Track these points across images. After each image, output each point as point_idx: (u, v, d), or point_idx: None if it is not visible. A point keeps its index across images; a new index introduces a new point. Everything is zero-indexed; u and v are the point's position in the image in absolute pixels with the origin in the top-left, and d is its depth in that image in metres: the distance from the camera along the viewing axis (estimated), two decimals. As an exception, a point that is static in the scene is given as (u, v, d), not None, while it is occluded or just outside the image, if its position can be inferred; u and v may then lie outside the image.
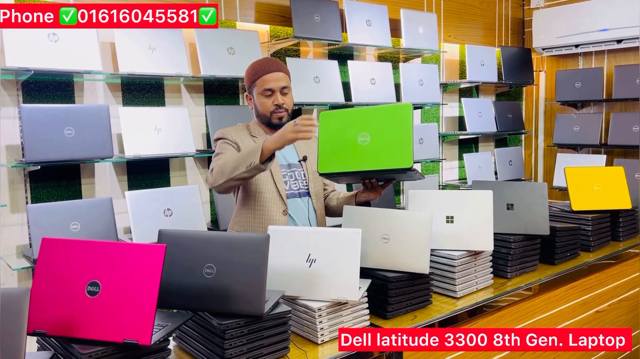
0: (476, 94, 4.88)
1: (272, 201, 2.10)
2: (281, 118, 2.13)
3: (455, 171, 4.77)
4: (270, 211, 2.10)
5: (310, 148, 2.22)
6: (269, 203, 2.10)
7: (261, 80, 2.11)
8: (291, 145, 2.19)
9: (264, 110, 2.13)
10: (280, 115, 2.13)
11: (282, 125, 2.13)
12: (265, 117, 2.15)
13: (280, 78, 2.12)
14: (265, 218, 2.09)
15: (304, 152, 2.21)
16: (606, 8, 4.34)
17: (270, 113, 2.13)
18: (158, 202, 2.87)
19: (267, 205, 2.10)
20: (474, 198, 2.02)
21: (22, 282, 2.72)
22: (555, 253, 2.37)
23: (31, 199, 2.78)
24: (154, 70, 2.94)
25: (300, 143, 2.21)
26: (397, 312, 1.79)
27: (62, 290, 1.30)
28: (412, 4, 4.25)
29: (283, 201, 2.11)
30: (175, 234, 1.50)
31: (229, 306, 1.40)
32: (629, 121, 4.34)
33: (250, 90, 2.17)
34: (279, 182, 2.11)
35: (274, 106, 2.12)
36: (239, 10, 3.36)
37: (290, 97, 2.16)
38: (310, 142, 2.24)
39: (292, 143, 1.87)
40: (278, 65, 2.14)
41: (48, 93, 2.81)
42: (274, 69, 2.12)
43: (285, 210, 2.10)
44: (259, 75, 2.11)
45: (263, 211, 2.10)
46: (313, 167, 2.18)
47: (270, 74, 2.11)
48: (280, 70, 2.13)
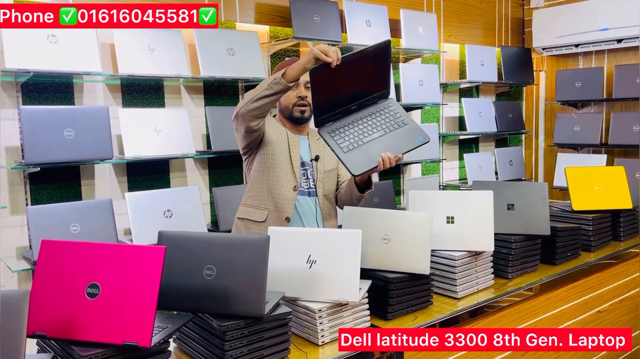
0: (476, 94, 4.88)
1: (284, 176, 2.13)
2: (303, 112, 2.17)
3: (456, 171, 4.77)
4: (281, 186, 2.13)
5: (325, 149, 2.23)
6: (280, 177, 2.13)
7: None
8: (307, 145, 2.21)
9: (287, 102, 2.17)
10: (302, 108, 2.16)
11: (303, 119, 2.19)
12: (288, 110, 2.18)
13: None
14: (276, 193, 2.12)
15: (317, 151, 2.22)
16: (606, 7, 4.34)
17: (292, 106, 2.16)
18: (158, 203, 2.87)
19: (278, 180, 2.13)
20: (474, 198, 2.02)
21: (22, 284, 2.72)
22: (556, 253, 2.37)
23: (31, 201, 2.78)
24: (153, 71, 2.94)
25: (316, 144, 2.22)
26: (398, 313, 1.79)
27: (61, 292, 1.30)
28: (411, 4, 4.25)
29: (295, 177, 2.13)
30: (175, 235, 1.50)
31: (229, 307, 1.40)
32: (630, 121, 4.34)
33: None
34: (296, 166, 2.14)
35: (297, 98, 2.15)
36: (238, 11, 3.36)
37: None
38: (325, 144, 2.24)
39: (311, 64, 1.79)
40: None
41: (48, 94, 2.81)
42: None
43: (295, 186, 2.13)
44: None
45: (274, 185, 2.13)
46: (325, 166, 2.20)
47: None
48: None
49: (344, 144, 1.94)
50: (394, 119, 1.96)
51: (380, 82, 1.99)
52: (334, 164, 2.26)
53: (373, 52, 1.89)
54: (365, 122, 1.96)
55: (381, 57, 1.91)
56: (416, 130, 1.94)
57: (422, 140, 1.92)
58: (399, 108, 1.98)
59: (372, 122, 1.96)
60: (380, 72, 1.97)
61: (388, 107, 1.99)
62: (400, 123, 1.95)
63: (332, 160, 2.25)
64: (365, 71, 1.94)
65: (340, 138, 1.96)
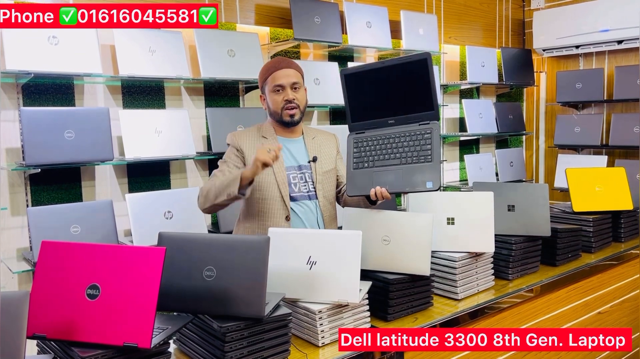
0: (477, 95, 4.88)
1: (275, 207, 2.10)
2: (293, 115, 2.12)
3: (456, 172, 4.77)
4: (273, 217, 2.10)
5: (321, 149, 2.22)
6: (272, 209, 2.10)
7: (272, 77, 2.12)
8: (302, 146, 2.20)
9: (275, 107, 2.13)
10: (291, 112, 2.11)
11: (293, 123, 2.15)
12: (277, 114, 2.14)
13: (290, 74, 2.12)
14: (268, 224, 2.09)
15: (314, 152, 2.20)
16: (606, 9, 4.33)
17: (281, 110, 2.12)
18: (158, 205, 2.87)
19: (269, 211, 2.10)
20: (474, 199, 2.02)
21: (22, 285, 2.72)
22: (557, 254, 2.37)
23: (31, 202, 2.78)
24: (154, 73, 2.94)
25: (312, 143, 2.21)
26: (398, 314, 1.79)
27: (62, 293, 1.30)
28: (412, 5, 4.25)
29: (286, 207, 2.10)
30: (175, 237, 1.50)
31: (229, 308, 1.40)
32: (630, 122, 4.33)
33: (263, 90, 2.18)
34: (283, 186, 2.10)
35: (284, 101, 2.11)
36: (239, 12, 3.37)
37: (302, 94, 2.16)
38: (322, 142, 2.24)
39: (260, 170, 1.89)
40: (288, 62, 2.15)
41: (48, 96, 2.81)
42: (284, 66, 2.13)
43: (287, 216, 2.10)
44: (269, 73, 2.12)
45: (266, 217, 2.11)
46: (322, 167, 2.18)
47: (280, 71, 2.11)
48: (291, 67, 2.13)
49: (358, 160, 1.94)
50: (420, 150, 1.84)
51: (424, 100, 1.87)
52: (332, 164, 2.24)
53: (409, 63, 1.84)
54: (391, 143, 1.90)
55: (420, 72, 1.84)
56: (433, 172, 1.80)
57: (429, 186, 1.80)
58: (435, 139, 1.83)
59: (396, 146, 1.89)
60: (422, 88, 1.86)
61: (424, 133, 1.86)
62: (422, 158, 1.83)
63: (330, 159, 2.24)
64: (403, 83, 1.88)
65: (358, 152, 1.96)
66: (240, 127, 3.15)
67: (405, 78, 1.89)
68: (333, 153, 2.27)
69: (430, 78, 1.84)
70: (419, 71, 1.85)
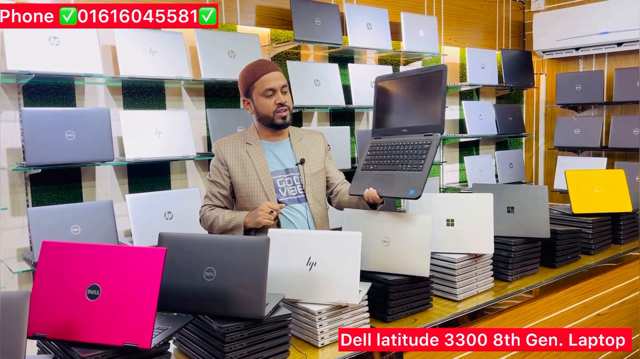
0: (477, 97, 4.88)
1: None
2: (284, 117, 2.13)
3: (456, 174, 4.77)
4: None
5: (308, 150, 2.22)
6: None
7: (261, 81, 2.10)
8: (289, 149, 2.20)
9: (267, 111, 2.12)
10: (283, 114, 2.12)
11: (286, 124, 2.16)
12: (268, 118, 2.13)
13: (279, 77, 2.13)
14: (259, 232, 2.08)
15: (302, 154, 2.20)
16: (606, 11, 4.34)
17: (273, 113, 2.11)
18: (159, 205, 2.87)
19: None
20: (474, 201, 2.02)
21: (22, 285, 2.72)
22: (556, 256, 2.37)
23: (32, 202, 2.78)
24: (154, 74, 2.95)
25: (298, 145, 2.21)
26: (398, 315, 1.79)
27: (62, 293, 1.30)
28: (412, 7, 4.26)
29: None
30: (175, 237, 1.50)
31: (229, 309, 1.40)
32: (630, 124, 4.34)
33: (248, 94, 2.16)
34: (270, 194, 2.12)
35: (277, 105, 2.11)
36: (239, 14, 3.37)
37: (289, 96, 2.17)
38: (308, 144, 2.24)
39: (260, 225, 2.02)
40: (274, 65, 2.16)
41: (49, 96, 2.82)
42: (271, 69, 2.12)
43: (278, 222, 2.10)
44: (257, 77, 2.11)
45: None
46: (311, 169, 2.18)
47: (270, 74, 2.11)
48: (278, 70, 2.15)
49: (367, 162, 2.04)
50: (415, 160, 1.87)
51: (433, 113, 1.90)
52: (320, 165, 2.24)
53: (427, 74, 1.87)
54: (397, 150, 1.96)
55: (434, 83, 1.86)
56: (418, 181, 1.82)
57: (411, 194, 1.80)
58: (432, 151, 1.86)
59: (400, 153, 1.94)
60: (433, 99, 1.89)
61: (425, 144, 1.89)
62: (415, 167, 1.86)
63: (319, 160, 2.24)
64: (419, 94, 1.91)
65: (370, 155, 2.05)
66: (241, 127, 3.16)
67: (422, 89, 1.94)
68: (321, 154, 2.27)
69: (442, 90, 1.86)
70: (434, 82, 1.89)
